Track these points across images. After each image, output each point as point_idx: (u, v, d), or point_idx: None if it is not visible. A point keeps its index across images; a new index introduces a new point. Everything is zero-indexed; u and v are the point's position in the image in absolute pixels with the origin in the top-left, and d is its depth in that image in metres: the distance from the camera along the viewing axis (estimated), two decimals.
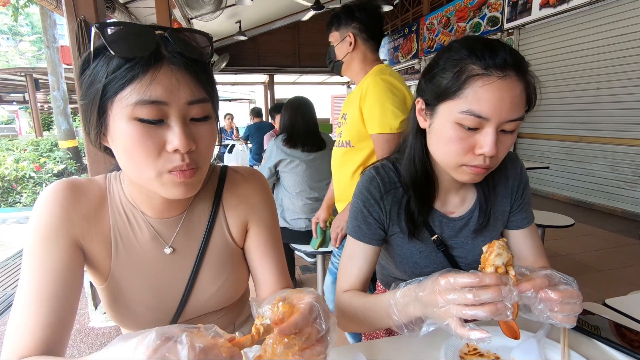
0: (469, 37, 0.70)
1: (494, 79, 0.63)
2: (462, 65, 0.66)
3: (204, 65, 0.58)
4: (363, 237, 0.83)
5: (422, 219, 0.82)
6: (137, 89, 0.52)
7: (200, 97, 0.56)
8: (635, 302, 0.83)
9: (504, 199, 0.86)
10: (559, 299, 0.56)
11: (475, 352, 0.65)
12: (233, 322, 0.84)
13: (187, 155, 0.56)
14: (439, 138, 0.72)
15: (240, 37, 7.72)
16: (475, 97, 0.64)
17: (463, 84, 0.65)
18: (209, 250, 0.72)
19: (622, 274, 2.83)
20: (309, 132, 2.24)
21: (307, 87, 12.99)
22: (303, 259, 3.18)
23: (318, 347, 0.44)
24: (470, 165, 0.70)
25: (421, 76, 0.77)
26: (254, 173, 0.79)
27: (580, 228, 3.76)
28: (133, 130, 0.53)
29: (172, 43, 0.54)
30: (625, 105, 4.17)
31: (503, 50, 0.64)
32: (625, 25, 4.08)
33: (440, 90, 0.69)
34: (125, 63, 0.52)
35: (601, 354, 0.65)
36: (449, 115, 0.68)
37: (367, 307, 0.74)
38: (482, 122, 0.65)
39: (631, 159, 4.16)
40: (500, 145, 0.67)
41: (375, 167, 0.86)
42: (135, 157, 0.55)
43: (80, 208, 0.64)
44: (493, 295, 0.52)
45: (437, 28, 7.58)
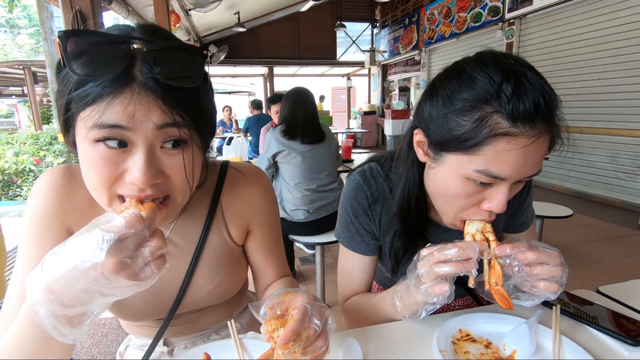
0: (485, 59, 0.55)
1: (522, 142, 0.52)
2: (483, 113, 0.53)
3: (188, 89, 0.49)
4: (358, 249, 0.81)
5: (407, 258, 0.77)
6: (95, 111, 0.46)
7: (172, 120, 0.48)
8: (629, 289, 0.84)
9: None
10: (536, 258, 0.55)
11: (467, 338, 0.66)
12: (231, 313, 0.84)
13: (149, 188, 0.49)
14: (442, 189, 0.63)
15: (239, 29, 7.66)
16: (496, 158, 0.54)
17: (484, 140, 0.53)
18: (206, 250, 0.71)
19: (620, 264, 2.85)
20: (309, 123, 2.23)
21: (307, 79, 12.91)
22: (302, 250, 3.20)
23: (319, 342, 0.47)
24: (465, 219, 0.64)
25: (422, 100, 0.64)
26: (257, 172, 0.76)
27: (578, 219, 3.77)
28: (91, 152, 0.48)
29: (149, 64, 0.46)
30: (626, 96, 4.14)
31: (533, 89, 0.52)
32: (626, 14, 4.04)
33: (452, 140, 0.57)
34: (88, 81, 0.45)
35: (593, 339, 0.66)
36: (459, 169, 0.58)
37: (375, 304, 0.75)
38: (497, 180, 0.56)
39: (631, 150, 4.15)
40: (509, 197, 0.59)
41: (362, 172, 0.79)
42: (89, 179, 0.51)
43: (75, 197, 0.63)
44: (457, 251, 0.55)
45: (437, 18, 7.50)
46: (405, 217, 0.74)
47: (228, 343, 0.63)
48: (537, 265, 0.56)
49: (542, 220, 2.56)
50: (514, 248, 0.56)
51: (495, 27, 5.87)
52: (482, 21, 6.14)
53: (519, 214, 0.85)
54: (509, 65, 0.54)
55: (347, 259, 0.83)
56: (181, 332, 0.78)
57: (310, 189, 2.23)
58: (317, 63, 10.86)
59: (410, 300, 0.63)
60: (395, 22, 9.36)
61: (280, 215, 2.31)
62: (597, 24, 4.38)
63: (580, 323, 0.69)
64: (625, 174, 4.26)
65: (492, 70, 0.54)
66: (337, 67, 11.69)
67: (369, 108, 10.82)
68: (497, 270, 0.58)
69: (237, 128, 7.28)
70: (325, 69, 12.14)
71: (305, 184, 2.23)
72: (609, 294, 0.82)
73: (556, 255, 0.57)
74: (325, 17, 10.21)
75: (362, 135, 10.38)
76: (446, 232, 0.79)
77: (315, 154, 2.23)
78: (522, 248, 0.56)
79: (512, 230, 0.87)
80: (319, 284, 2.26)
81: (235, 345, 0.62)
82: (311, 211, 2.24)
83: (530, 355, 0.61)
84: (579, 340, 0.64)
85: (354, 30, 10.68)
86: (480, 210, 0.61)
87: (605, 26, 4.29)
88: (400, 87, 10.01)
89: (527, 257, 0.56)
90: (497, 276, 0.57)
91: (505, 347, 0.63)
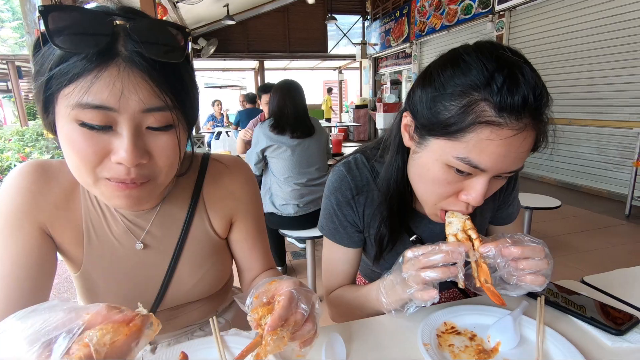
0: (485, 49, 0.54)
1: (506, 133, 0.51)
2: (471, 99, 0.52)
3: (171, 67, 0.49)
4: (341, 240, 0.80)
5: (391, 246, 0.77)
6: (78, 88, 0.45)
7: (158, 104, 0.48)
8: (613, 279, 0.84)
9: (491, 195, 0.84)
10: (521, 253, 0.55)
11: (452, 330, 0.66)
12: (215, 309, 0.83)
13: (134, 169, 0.49)
14: (423, 174, 0.63)
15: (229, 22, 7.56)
16: (478, 146, 0.53)
17: (468, 127, 0.53)
18: (188, 242, 0.69)
19: (607, 253, 2.90)
20: (299, 117, 2.19)
21: (298, 72, 12.81)
22: (293, 245, 3.19)
23: (307, 326, 0.48)
24: (445, 209, 0.64)
25: (415, 84, 0.63)
26: (238, 163, 0.76)
27: (567, 210, 3.82)
28: (74, 133, 0.47)
29: (133, 39, 0.46)
30: (613, 87, 4.19)
31: (525, 83, 0.51)
32: (613, 6, 4.07)
33: (437, 123, 0.56)
34: (70, 56, 0.44)
35: (577, 330, 0.66)
36: (441, 155, 0.58)
37: (360, 297, 0.75)
38: (476, 171, 0.56)
39: (618, 141, 4.21)
40: (488, 191, 0.59)
41: (347, 164, 0.78)
42: (72, 161, 0.50)
43: (49, 193, 0.61)
44: (443, 257, 0.54)
45: (428, 10, 7.47)
46: (388, 203, 0.73)
47: (209, 340, 0.62)
48: (522, 260, 0.56)
49: (531, 212, 2.58)
50: (498, 245, 0.56)
51: (486, 19, 5.87)
52: (473, 13, 6.14)
53: (505, 206, 0.85)
54: (505, 56, 0.53)
55: (331, 251, 0.83)
56: (164, 329, 0.76)
57: (300, 183, 2.21)
58: (308, 56, 10.78)
59: (395, 297, 0.63)
60: (386, 15, 9.31)
61: (270, 210, 2.29)
62: (585, 16, 4.40)
63: (564, 314, 0.69)
64: (612, 164, 4.32)
65: (487, 59, 0.53)
66: (329, 61, 11.62)
67: (361, 101, 10.80)
68: (485, 268, 0.57)
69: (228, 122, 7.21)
70: (316, 62, 12.06)
71: (295, 178, 2.21)
72: (594, 284, 0.82)
73: (540, 248, 0.56)
74: (315, 9, 10.11)
75: (354, 129, 10.36)
76: (432, 224, 0.79)
77: (305, 148, 2.21)
78: (506, 244, 0.56)
79: (498, 222, 0.87)
80: (310, 278, 2.26)
81: (217, 343, 0.60)
82: (301, 205, 2.22)
83: (514, 347, 0.61)
84: (563, 331, 0.63)
85: (345, 23, 10.60)
86: (459, 201, 0.61)
87: (592, 18, 4.32)
88: (391, 80, 9.99)
89: (512, 253, 0.55)
90: (485, 274, 0.57)
91: (490, 338, 0.63)
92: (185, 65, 0.52)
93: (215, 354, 0.59)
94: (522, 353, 0.60)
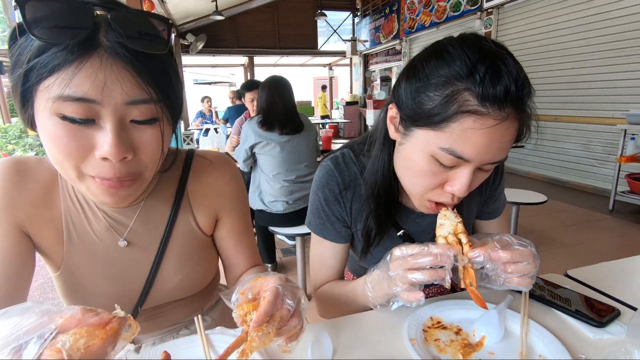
0: (468, 41, 0.55)
1: (489, 122, 0.52)
2: (454, 89, 0.53)
3: (154, 58, 0.48)
4: (329, 236, 0.80)
5: (379, 239, 0.77)
6: (59, 80, 0.43)
7: (141, 97, 0.47)
8: (596, 272, 0.86)
9: (476, 190, 0.81)
10: (510, 258, 0.55)
11: (438, 325, 0.66)
12: (201, 307, 0.82)
13: (119, 166, 0.48)
14: (409, 166, 0.64)
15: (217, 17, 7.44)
16: (462, 137, 0.54)
17: (452, 116, 0.53)
18: (173, 239, 0.68)
19: (592, 247, 2.96)
20: (288, 114, 2.18)
21: (288, 69, 12.74)
22: (283, 242, 3.19)
23: (293, 322, 0.48)
24: (435, 201, 0.64)
25: (400, 76, 0.64)
26: (223, 159, 0.75)
27: (553, 205, 3.89)
28: (55, 127, 0.45)
29: (115, 29, 0.45)
30: (598, 84, 4.26)
31: (508, 74, 0.51)
32: (599, 4, 4.13)
33: (421, 113, 0.57)
34: (50, 47, 0.43)
35: (560, 322, 0.67)
36: (426, 146, 0.58)
37: (347, 293, 0.75)
38: (461, 161, 0.56)
39: (602, 137, 4.29)
40: (473, 184, 0.60)
41: (334, 159, 0.78)
42: (55, 157, 0.48)
43: (26, 191, 0.60)
44: (431, 260, 0.54)
45: (417, 7, 7.50)
46: (375, 197, 0.73)
47: (194, 339, 0.61)
48: (511, 264, 0.56)
49: (518, 207, 2.62)
50: (487, 250, 0.55)
51: (474, 16, 5.91)
52: (461, 10, 6.18)
53: (491, 201, 0.85)
54: (488, 47, 0.54)
55: (319, 246, 0.82)
56: (149, 328, 0.75)
57: (289, 180, 2.20)
58: (298, 53, 10.72)
59: (381, 292, 0.63)
60: (376, 11, 9.31)
61: (260, 207, 2.28)
62: (572, 14, 4.46)
63: (548, 307, 0.70)
64: (596, 160, 4.41)
65: (470, 50, 0.53)
66: (319, 57, 11.58)
67: (351, 98, 10.79)
68: (471, 272, 0.57)
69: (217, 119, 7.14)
70: (306, 58, 12.00)
71: (284, 175, 2.20)
72: (577, 277, 0.84)
73: (529, 252, 0.56)
74: (305, 5, 10.04)
75: (345, 125, 10.36)
76: (419, 218, 0.79)
77: (294, 144, 2.20)
78: (494, 248, 0.56)
79: (484, 217, 0.87)
80: (300, 274, 2.26)
81: (202, 342, 0.60)
82: (290, 202, 2.22)
83: (499, 340, 0.62)
84: (547, 324, 0.64)
85: (335, 19, 10.56)
86: (444, 193, 0.62)
87: (578, 17, 4.38)
88: (381, 77, 10.01)
89: (501, 258, 0.55)
90: (471, 277, 0.57)
91: (475, 333, 0.63)
92: (168, 58, 0.52)
93: (200, 353, 0.59)
94: (506, 346, 0.61)
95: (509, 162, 5.66)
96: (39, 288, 2.41)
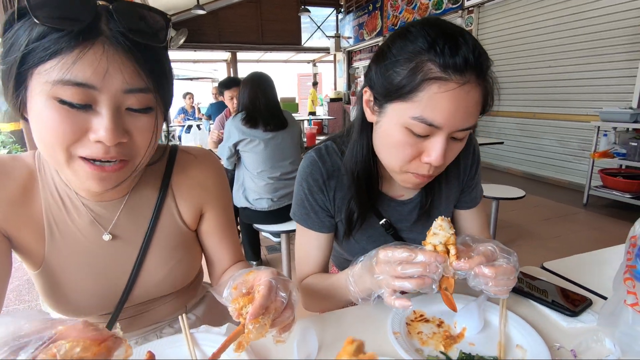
0: (429, 22, 0.61)
1: (452, 86, 0.56)
2: (418, 61, 0.58)
3: (152, 50, 0.50)
4: (313, 226, 0.81)
5: (361, 222, 0.80)
6: (60, 65, 0.44)
7: (140, 86, 0.49)
8: (570, 264, 0.89)
9: (454, 179, 0.85)
10: (493, 276, 0.56)
11: (421, 318, 0.68)
12: (185, 304, 0.81)
13: (113, 148, 0.50)
14: (386, 141, 0.67)
15: (199, 11, 7.31)
16: (430, 104, 0.58)
17: (419, 85, 0.58)
18: (157, 234, 0.68)
19: (567, 240, 3.07)
20: (271, 110, 2.17)
21: (272, 65, 12.65)
22: (268, 239, 3.18)
23: (286, 313, 0.51)
24: (414, 173, 0.67)
25: (371, 62, 0.68)
26: (207, 154, 0.76)
27: (531, 199, 4.01)
28: (51, 110, 0.46)
29: (117, 19, 0.46)
30: (574, 82, 4.41)
31: (465, 45, 0.57)
32: (574, 5, 4.26)
33: (391, 88, 0.61)
34: (51, 32, 0.44)
35: (537, 313, 0.70)
36: (399, 118, 0.62)
37: (330, 286, 0.76)
38: (433, 129, 0.60)
39: (577, 134, 4.45)
40: (448, 153, 0.64)
41: (318, 150, 0.81)
42: (45, 140, 0.49)
43: (2, 190, 0.58)
44: (419, 270, 0.54)
45: (400, 5, 7.55)
46: (355, 180, 0.76)
47: (178, 339, 0.60)
48: (494, 279, 0.57)
49: (498, 202, 2.69)
50: (472, 265, 0.56)
51: (456, 14, 6.00)
52: (443, 8, 6.25)
53: (468, 190, 0.88)
54: (447, 26, 0.60)
55: (303, 237, 0.84)
56: (131, 326, 0.74)
57: (273, 177, 2.20)
58: (281, 49, 10.64)
59: (363, 287, 0.64)
60: (360, 8, 9.33)
61: (244, 205, 2.26)
62: (549, 13, 4.59)
63: (525, 298, 0.73)
64: (572, 156, 4.56)
65: (430, 28, 0.59)
66: (303, 53, 11.53)
67: (335, 95, 10.80)
68: (452, 281, 0.58)
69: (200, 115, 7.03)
70: (290, 54, 11.93)
71: (269, 172, 2.19)
72: (553, 269, 0.87)
73: (511, 269, 0.57)
74: (289, 1, 9.97)
75: (329, 122, 10.37)
76: (400, 206, 0.82)
77: (278, 141, 2.19)
78: (480, 263, 0.56)
79: (462, 206, 0.90)
80: (286, 272, 2.26)
81: (187, 341, 0.59)
82: (275, 199, 2.21)
83: (479, 331, 0.64)
84: (524, 315, 0.67)
85: (318, 15, 10.53)
86: (422, 164, 0.65)
87: (555, 16, 4.51)
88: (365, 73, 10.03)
89: (485, 275, 0.56)
90: (449, 284, 0.58)
91: (456, 325, 0.65)
92: (164, 50, 0.54)
93: (185, 353, 0.58)
94: (485, 337, 0.63)
95: (489, 159, 5.82)
96: (14, 290, 2.33)
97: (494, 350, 0.60)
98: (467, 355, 0.58)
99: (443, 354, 0.59)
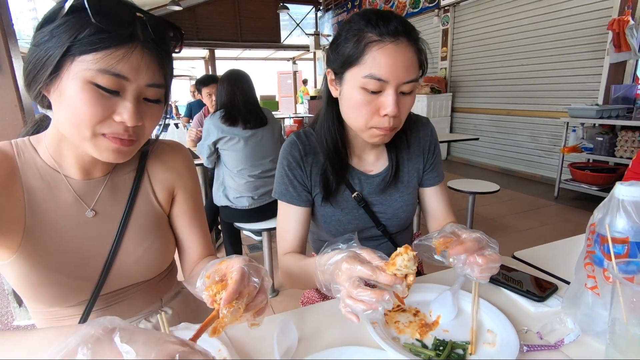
0: (367, 10, 0.77)
1: (387, 44, 0.71)
2: (360, 34, 0.73)
3: (169, 55, 0.63)
4: (292, 200, 0.90)
5: (336, 186, 0.90)
6: (105, 58, 0.54)
7: (159, 82, 0.61)
8: (538, 253, 0.94)
9: (417, 157, 0.96)
10: (484, 264, 0.61)
11: (398, 308, 0.70)
12: (160, 297, 0.83)
13: (131, 128, 0.60)
14: (349, 104, 0.79)
15: (175, 7, 7.15)
16: (374, 62, 0.72)
17: (363, 50, 0.72)
18: (134, 212, 0.74)
19: (538, 231, 3.20)
20: (250, 107, 2.15)
21: (252, 62, 12.51)
22: (250, 238, 3.16)
23: (260, 297, 0.53)
24: (377, 127, 0.78)
25: (328, 48, 0.82)
26: (178, 145, 0.85)
27: (505, 193, 4.15)
28: (86, 93, 0.55)
29: (149, 30, 0.58)
30: (545, 80, 4.58)
31: (395, 19, 0.73)
32: (545, 4, 4.42)
33: (344, 59, 0.76)
34: (101, 31, 0.53)
35: (507, 300, 0.73)
36: (355, 81, 0.75)
37: (302, 268, 0.80)
38: (382, 84, 0.73)
39: (548, 130, 4.63)
40: (402, 106, 0.76)
41: (297, 133, 0.93)
42: (77, 117, 0.56)
43: None
44: (372, 300, 0.53)
45: (378, 3, 7.62)
46: (327, 153, 0.88)
47: None
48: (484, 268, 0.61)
49: (474, 196, 2.77)
50: (468, 251, 0.61)
51: (432, 13, 6.11)
52: (420, 7, 6.35)
53: (430, 169, 0.98)
54: (382, 11, 0.76)
55: (283, 213, 0.92)
56: None
57: (254, 175, 2.19)
58: (260, 46, 10.53)
59: (327, 282, 0.63)
60: (339, 6, 9.35)
61: (224, 204, 2.24)
62: (521, 13, 4.75)
63: (497, 286, 0.77)
64: (544, 151, 4.75)
65: (368, 12, 0.76)
66: (282, 51, 11.45)
67: (316, 92, 10.79)
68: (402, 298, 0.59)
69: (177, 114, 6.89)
70: (269, 52, 11.83)
71: (249, 170, 2.18)
72: (522, 258, 0.91)
73: (498, 258, 0.62)
74: None
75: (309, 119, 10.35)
76: (369, 179, 0.93)
77: (258, 139, 2.18)
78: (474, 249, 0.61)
79: (427, 183, 0.99)
80: (268, 269, 2.26)
81: None
82: (256, 197, 2.20)
83: (453, 319, 0.67)
84: (495, 301, 0.70)
85: (297, 12, 10.48)
86: (381, 118, 0.76)
87: (527, 16, 4.66)
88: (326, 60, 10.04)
89: (478, 263, 0.61)
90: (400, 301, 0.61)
91: (431, 313, 0.68)
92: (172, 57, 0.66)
93: None
94: (459, 323, 0.66)
95: (465, 154, 5.97)
96: None
97: (466, 335, 0.63)
98: (441, 341, 0.61)
99: (419, 341, 0.62)
